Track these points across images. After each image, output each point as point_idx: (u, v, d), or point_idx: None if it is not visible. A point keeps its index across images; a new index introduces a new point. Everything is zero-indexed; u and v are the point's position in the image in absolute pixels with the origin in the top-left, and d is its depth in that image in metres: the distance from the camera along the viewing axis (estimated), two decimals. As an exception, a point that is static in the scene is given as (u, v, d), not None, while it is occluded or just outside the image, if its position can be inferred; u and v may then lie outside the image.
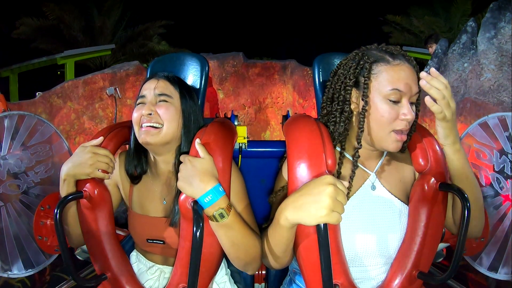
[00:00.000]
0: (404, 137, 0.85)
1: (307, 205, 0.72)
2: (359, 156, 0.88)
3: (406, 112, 0.82)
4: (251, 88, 5.67)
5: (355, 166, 0.88)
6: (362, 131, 0.86)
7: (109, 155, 0.99)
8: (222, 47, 5.71)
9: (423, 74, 0.77)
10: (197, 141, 0.88)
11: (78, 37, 8.36)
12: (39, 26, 8.02)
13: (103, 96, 4.76)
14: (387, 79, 0.83)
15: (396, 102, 0.83)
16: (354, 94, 0.88)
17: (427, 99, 0.78)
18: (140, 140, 0.96)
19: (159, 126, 0.95)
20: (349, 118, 0.90)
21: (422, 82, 0.77)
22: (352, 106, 0.89)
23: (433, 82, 0.76)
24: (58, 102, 4.60)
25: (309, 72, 5.47)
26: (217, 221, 0.81)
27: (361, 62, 0.86)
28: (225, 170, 0.87)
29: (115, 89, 4.53)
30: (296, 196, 0.75)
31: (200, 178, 0.80)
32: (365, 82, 0.85)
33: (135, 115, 0.97)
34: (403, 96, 0.83)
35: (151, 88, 0.98)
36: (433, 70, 0.78)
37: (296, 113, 1.13)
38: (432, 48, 4.18)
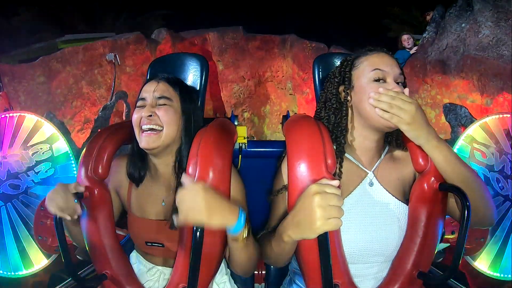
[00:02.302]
0: None
1: (302, 221, 0.72)
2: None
3: (392, 86, 0.87)
4: (250, 61, 5.62)
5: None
6: (346, 117, 0.92)
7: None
8: (222, 25, 5.73)
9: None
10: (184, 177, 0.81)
11: (79, 26, 8.42)
12: (40, 14, 8.07)
13: (103, 62, 4.73)
14: (368, 64, 0.91)
15: (380, 81, 0.88)
16: (343, 90, 0.95)
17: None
18: (140, 145, 0.96)
19: (159, 128, 0.95)
20: (342, 109, 0.94)
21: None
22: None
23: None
24: (57, 67, 4.58)
25: (309, 45, 5.47)
26: (246, 239, 0.81)
27: (345, 62, 0.96)
28: (224, 171, 0.87)
29: (114, 55, 4.53)
30: (292, 214, 0.76)
31: (221, 209, 0.76)
32: (347, 75, 0.93)
33: (135, 117, 0.97)
34: (387, 76, 0.88)
35: (151, 91, 0.97)
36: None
37: (295, 113, 1.13)
38: (430, 16, 4.28)
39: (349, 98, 0.93)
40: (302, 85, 5.73)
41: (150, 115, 0.94)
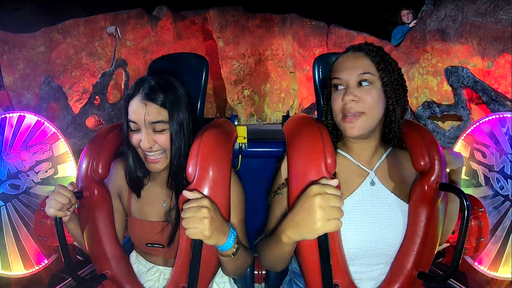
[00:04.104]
0: (349, 120, 0.87)
1: (302, 221, 0.72)
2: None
3: (342, 96, 0.87)
4: (250, 39, 5.70)
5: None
6: (332, 121, 0.95)
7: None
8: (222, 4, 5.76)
9: None
10: (184, 193, 0.82)
11: (79, 15, 8.47)
12: (40, 5, 8.09)
13: (103, 35, 4.82)
14: (333, 70, 0.92)
15: (337, 88, 0.90)
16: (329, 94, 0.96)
17: None
18: (148, 168, 0.96)
19: (162, 150, 0.93)
20: (329, 113, 0.96)
21: None
22: None
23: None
24: (58, 38, 4.65)
25: (308, 23, 5.54)
26: (234, 256, 0.84)
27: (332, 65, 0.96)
28: (224, 171, 0.87)
29: (115, 28, 4.57)
30: (292, 215, 0.75)
31: (218, 231, 0.79)
32: (329, 80, 0.95)
33: (134, 139, 0.93)
34: (345, 82, 0.88)
35: (141, 114, 0.90)
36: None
37: (295, 113, 1.13)
38: None
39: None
40: (303, 62, 5.73)
41: (151, 147, 0.91)
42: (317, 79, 1.21)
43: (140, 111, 0.91)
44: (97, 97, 3.84)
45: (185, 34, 5.74)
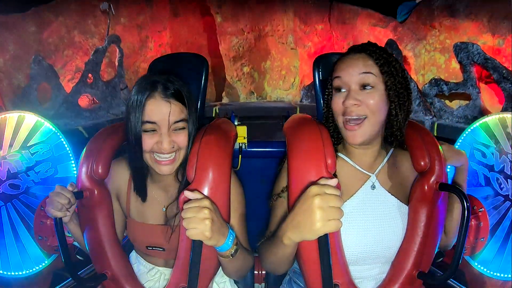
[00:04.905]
0: (351, 127, 0.86)
1: (302, 222, 0.71)
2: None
3: (344, 98, 0.86)
4: (250, 14, 5.53)
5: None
6: (333, 124, 0.94)
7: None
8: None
9: None
10: (185, 193, 0.81)
11: None
12: None
13: (97, 13, 4.68)
14: (334, 70, 0.90)
15: (340, 90, 0.88)
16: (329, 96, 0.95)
17: None
18: (158, 172, 0.93)
19: (175, 151, 0.92)
20: (329, 115, 0.95)
21: None
22: None
23: None
24: (49, 17, 4.50)
25: None
26: (233, 257, 0.84)
27: (333, 66, 0.94)
28: (224, 171, 0.87)
29: (109, 5, 4.46)
30: (292, 216, 0.75)
31: (218, 232, 0.78)
32: (330, 83, 0.93)
33: (148, 143, 0.90)
34: (346, 84, 0.86)
35: (165, 114, 0.87)
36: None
37: (296, 113, 1.13)
38: None
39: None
40: (304, 38, 5.57)
41: (173, 147, 0.90)
42: (317, 80, 1.21)
43: (164, 110, 0.88)
44: (89, 75, 3.67)
45: (182, 10, 5.57)
